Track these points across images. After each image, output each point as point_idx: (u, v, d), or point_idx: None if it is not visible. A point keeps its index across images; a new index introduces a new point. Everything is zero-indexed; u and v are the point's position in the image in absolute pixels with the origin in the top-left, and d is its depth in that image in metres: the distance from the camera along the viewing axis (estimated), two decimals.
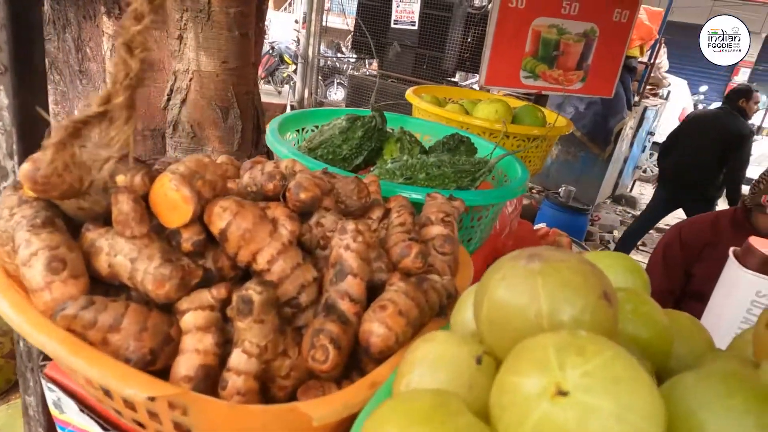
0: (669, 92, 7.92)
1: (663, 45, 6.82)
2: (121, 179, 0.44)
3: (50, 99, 3.31)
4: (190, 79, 2.72)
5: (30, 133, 0.55)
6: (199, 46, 2.65)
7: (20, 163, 0.57)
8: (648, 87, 7.03)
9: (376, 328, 0.44)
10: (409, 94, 1.38)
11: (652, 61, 6.59)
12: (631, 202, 7.77)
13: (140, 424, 0.43)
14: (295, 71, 8.51)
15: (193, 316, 0.43)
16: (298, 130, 1.04)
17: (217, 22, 2.58)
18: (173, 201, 0.45)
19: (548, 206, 5.35)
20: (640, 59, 6.50)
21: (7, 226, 0.45)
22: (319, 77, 8.35)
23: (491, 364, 0.36)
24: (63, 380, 0.57)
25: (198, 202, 0.46)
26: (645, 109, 6.93)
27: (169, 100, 2.84)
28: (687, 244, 2.07)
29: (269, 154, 3.69)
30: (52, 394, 0.58)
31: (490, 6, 2.01)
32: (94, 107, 0.32)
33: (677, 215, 7.48)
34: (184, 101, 2.77)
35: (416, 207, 0.72)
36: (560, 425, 0.25)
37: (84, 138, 0.34)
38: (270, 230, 0.48)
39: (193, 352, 0.41)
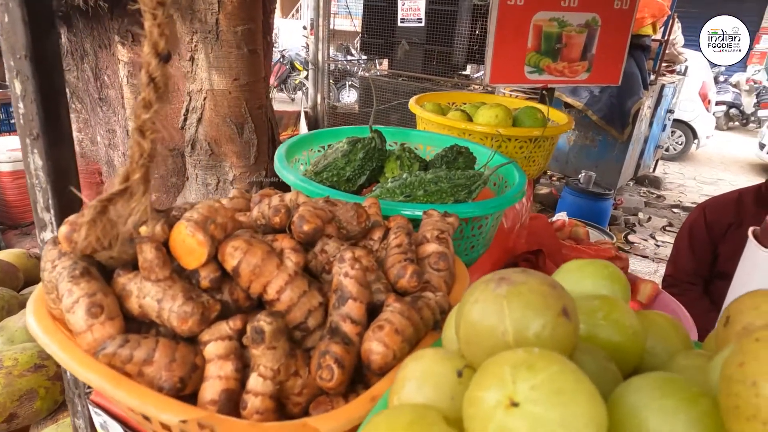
0: (687, 67, 7.74)
1: (676, 20, 6.68)
2: (143, 230, 0.50)
3: (74, 127, 3.45)
4: (204, 98, 2.82)
5: (62, 189, 0.63)
6: (210, 66, 2.75)
7: (56, 215, 0.65)
8: (664, 64, 6.89)
9: (375, 347, 0.49)
10: (412, 104, 1.43)
11: (666, 38, 6.47)
12: (655, 183, 7.64)
13: None
14: (306, 77, 8.62)
15: (214, 346, 0.49)
16: (305, 152, 1.10)
17: (226, 41, 2.67)
18: (190, 246, 0.51)
19: (569, 193, 5.31)
20: (653, 37, 6.39)
21: (51, 277, 0.52)
22: (331, 81, 8.45)
23: (471, 376, 0.41)
24: (107, 405, 0.64)
25: (212, 244, 0.52)
26: (662, 86, 6.80)
27: (185, 120, 2.95)
28: (712, 224, 2.06)
29: None
30: (99, 418, 0.65)
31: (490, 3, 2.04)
32: (116, 185, 0.38)
33: (704, 193, 7.32)
34: (200, 120, 2.88)
35: (418, 223, 0.77)
36: None
37: (110, 213, 0.40)
38: (277, 263, 0.54)
39: (216, 378, 0.48)
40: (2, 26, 0.57)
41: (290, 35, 12.41)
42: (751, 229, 1.29)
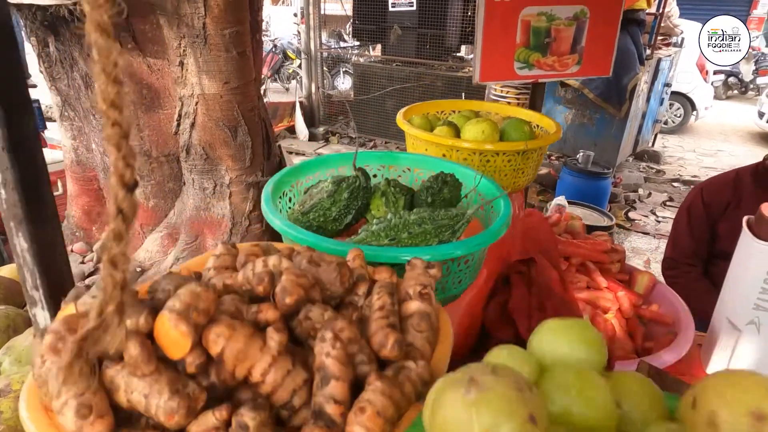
0: (683, 39, 7.63)
1: None
2: (128, 323, 0.52)
3: (68, 135, 3.45)
4: (196, 103, 2.81)
5: (50, 267, 0.64)
6: (200, 70, 2.74)
7: (44, 293, 0.66)
8: (660, 37, 6.79)
9: (357, 431, 0.51)
10: (400, 119, 1.42)
11: (660, 11, 6.36)
12: (655, 157, 7.60)
13: None
14: (300, 66, 8.54)
15: None
16: (295, 183, 1.10)
17: (214, 44, 2.65)
18: (174, 337, 0.53)
19: (568, 173, 5.30)
20: (648, 10, 6.28)
21: (41, 372, 0.53)
22: (324, 68, 8.36)
23: None
24: None
25: (195, 333, 0.53)
26: (659, 60, 6.71)
27: (179, 125, 2.95)
28: (709, 204, 2.06)
29: (281, 164, 3.74)
30: None
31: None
32: (91, 321, 0.39)
33: (705, 165, 7.28)
34: (193, 125, 2.88)
35: (402, 266, 0.78)
36: None
37: (86, 351, 0.42)
38: (260, 345, 0.56)
39: None
40: None
41: (281, 22, 12.23)
42: (745, 218, 1.29)
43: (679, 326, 1.54)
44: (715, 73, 9.79)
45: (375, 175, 1.10)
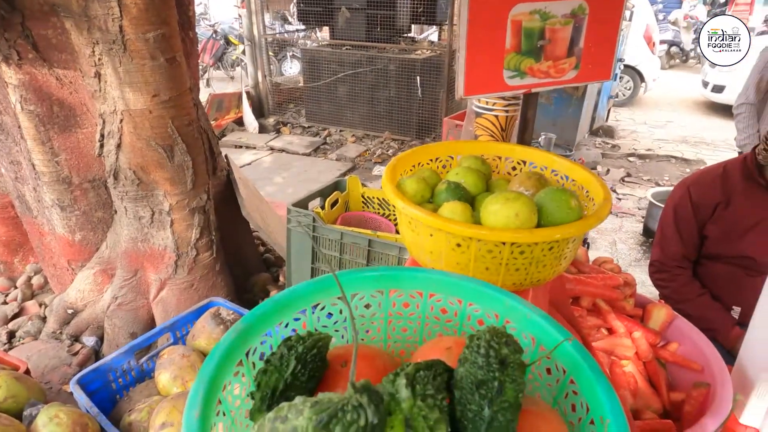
0: (632, 12, 7.57)
1: None
2: None
3: None
4: (121, 120, 2.32)
5: None
6: (122, 82, 2.25)
7: None
8: None
9: None
10: (388, 186, 0.99)
11: None
12: (609, 132, 7.59)
13: None
14: (243, 52, 7.79)
15: None
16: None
17: (136, 51, 2.17)
18: None
19: None
20: None
21: None
22: (270, 54, 7.70)
23: None
24: None
25: None
26: None
27: (102, 146, 2.44)
28: (698, 204, 1.93)
29: (229, 178, 3.25)
30: None
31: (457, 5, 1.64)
32: None
33: (657, 137, 7.28)
34: (119, 146, 2.39)
35: None
36: None
37: None
38: None
39: None
40: None
41: (221, 5, 11.25)
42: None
43: (711, 375, 1.33)
44: (660, 42, 9.88)
45: (368, 305, 0.73)
